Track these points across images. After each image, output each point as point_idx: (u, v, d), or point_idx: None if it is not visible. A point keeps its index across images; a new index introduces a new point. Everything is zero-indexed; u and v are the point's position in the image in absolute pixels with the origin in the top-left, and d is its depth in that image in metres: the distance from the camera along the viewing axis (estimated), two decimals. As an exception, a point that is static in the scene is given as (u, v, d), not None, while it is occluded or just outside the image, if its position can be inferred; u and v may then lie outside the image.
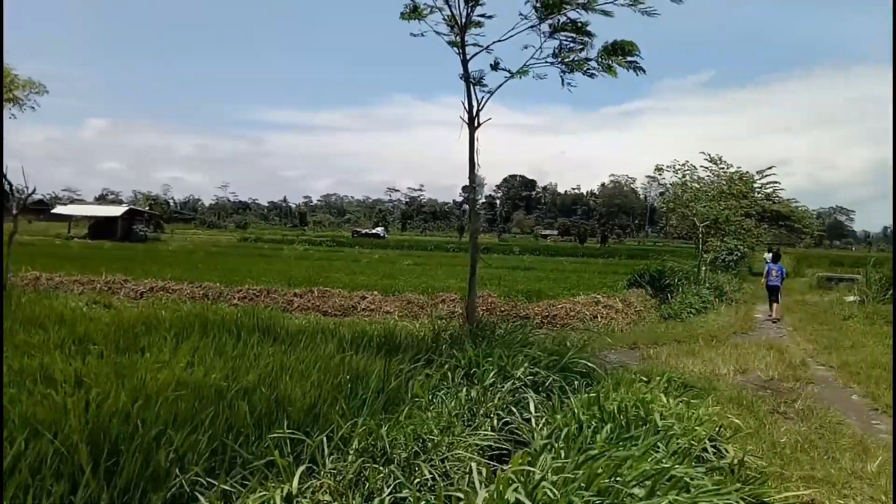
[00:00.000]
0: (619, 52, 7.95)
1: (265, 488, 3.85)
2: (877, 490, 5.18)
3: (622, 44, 7.89)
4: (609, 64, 8.10)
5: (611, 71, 8.14)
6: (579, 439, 4.19)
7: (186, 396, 4.65)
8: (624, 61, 8.03)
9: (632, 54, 7.96)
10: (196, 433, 4.12)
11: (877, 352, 11.58)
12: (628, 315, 15.74)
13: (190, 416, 4.33)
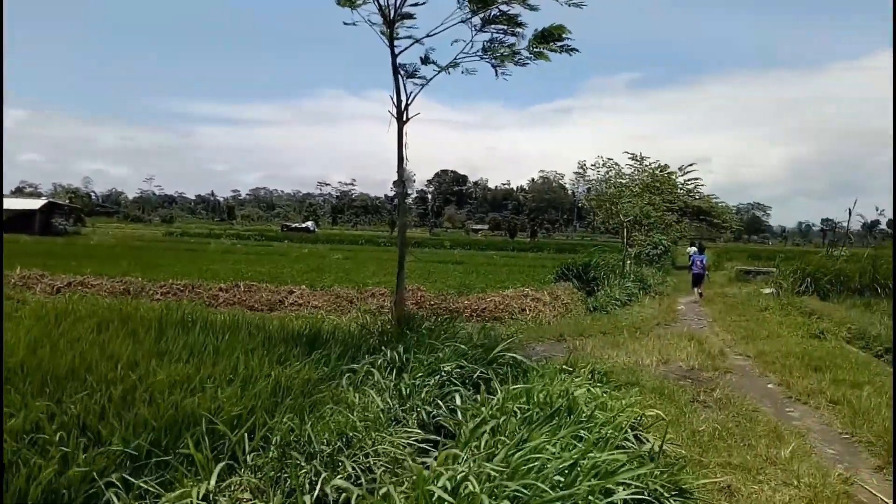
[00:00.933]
0: (550, 39, 8.00)
1: (183, 486, 3.70)
2: (789, 475, 5.40)
3: (552, 29, 7.93)
4: (540, 51, 8.14)
5: (542, 56, 8.17)
6: (506, 431, 4.20)
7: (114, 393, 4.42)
8: (556, 46, 8.08)
9: (562, 39, 8.01)
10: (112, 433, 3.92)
11: (791, 341, 12.13)
12: (556, 308, 16.01)
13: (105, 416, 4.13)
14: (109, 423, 4.11)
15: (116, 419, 4.16)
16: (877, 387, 8.24)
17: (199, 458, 3.89)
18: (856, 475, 5.70)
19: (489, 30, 8.01)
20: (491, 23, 7.92)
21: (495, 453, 3.43)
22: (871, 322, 13.19)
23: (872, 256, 21.04)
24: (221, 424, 4.28)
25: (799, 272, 20.12)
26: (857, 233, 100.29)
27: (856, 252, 26.02)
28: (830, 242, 34.86)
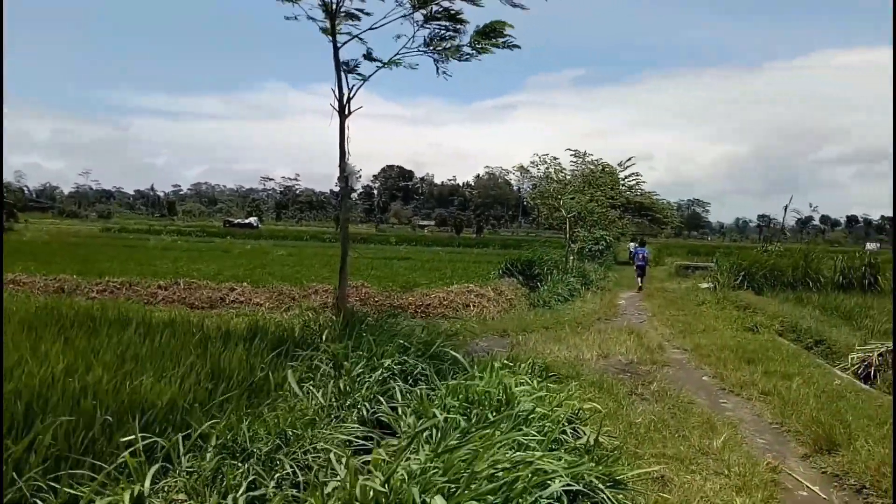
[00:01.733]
0: (493, 34, 8.01)
1: (113, 491, 3.56)
2: (721, 465, 5.55)
3: (494, 24, 7.96)
4: (483, 46, 8.14)
5: (485, 51, 8.19)
6: (444, 426, 4.18)
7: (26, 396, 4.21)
8: (498, 42, 8.10)
9: (504, 34, 8.04)
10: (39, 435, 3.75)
11: (726, 335, 12.51)
12: (500, 303, 16.12)
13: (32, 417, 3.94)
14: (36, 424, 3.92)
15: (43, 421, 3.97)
16: (806, 378, 8.56)
17: (132, 461, 3.75)
18: (783, 463, 5.91)
19: (430, 26, 7.97)
20: (433, 19, 7.88)
21: (432, 448, 3.41)
22: (802, 315, 13.72)
23: (805, 252, 21.90)
24: (157, 424, 4.15)
25: (735, 267, 20.77)
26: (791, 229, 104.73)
27: (789, 248, 27.05)
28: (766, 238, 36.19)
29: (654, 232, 59.34)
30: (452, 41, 8.16)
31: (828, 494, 5.32)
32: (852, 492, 5.34)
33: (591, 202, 27.10)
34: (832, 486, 5.50)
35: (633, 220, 41.99)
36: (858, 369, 9.32)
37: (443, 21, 7.99)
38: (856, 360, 9.47)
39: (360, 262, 26.83)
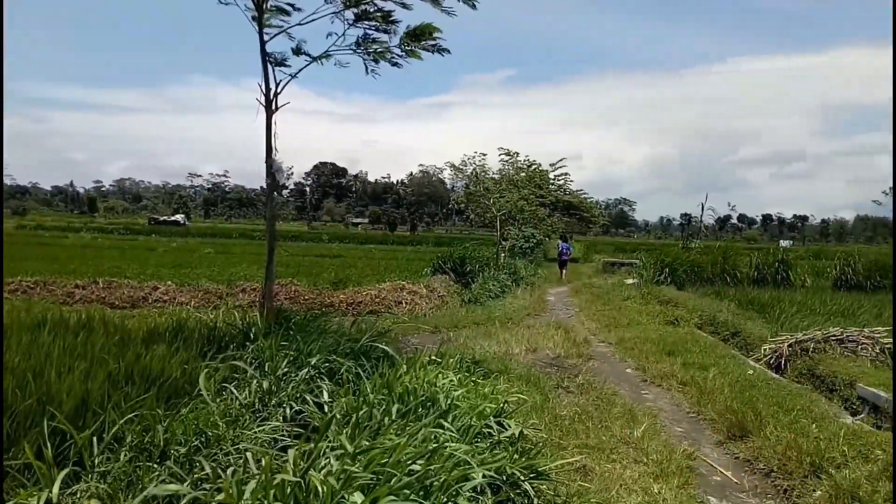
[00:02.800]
0: (422, 37, 8.01)
1: (19, 498, 3.40)
2: (640, 453, 5.75)
3: (423, 27, 7.94)
4: (412, 49, 8.13)
5: (414, 55, 8.17)
6: (368, 422, 4.17)
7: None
8: (428, 45, 8.09)
9: (433, 37, 8.04)
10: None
11: (649, 328, 12.92)
12: (432, 300, 16.18)
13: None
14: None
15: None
16: (721, 368, 8.92)
17: (39, 464, 3.59)
18: (699, 450, 6.17)
19: (362, 25, 7.91)
20: (363, 19, 7.83)
21: (354, 444, 3.40)
22: (720, 309, 14.29)
23: (723, 249, 22.86)
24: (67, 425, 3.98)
25: (658, 264, 21.47)
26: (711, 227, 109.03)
27: (709, 244, 28.17)
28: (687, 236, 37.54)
29: (582, 230, 60.75)
30: (382, 43, 8.11)
31: (739, 478, 5.59)
32: (762, 475, 5.63)
33: (521, 200, 27.47)
34: (743, 470, 5.79)
35: (562, 219, 42.83)
36: (770, 359, 9.80)
37: (374, 21, 7.94)
38: (768, 350, 9.96)
39: (291, 260, 26.44)
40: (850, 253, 22.24)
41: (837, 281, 20.16)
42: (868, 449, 5.43)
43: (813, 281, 20.71)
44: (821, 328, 10.11)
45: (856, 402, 7.72)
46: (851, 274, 20.02)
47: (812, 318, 12.39)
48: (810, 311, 13.35)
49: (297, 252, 34.78)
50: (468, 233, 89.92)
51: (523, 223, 31.14)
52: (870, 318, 11.79)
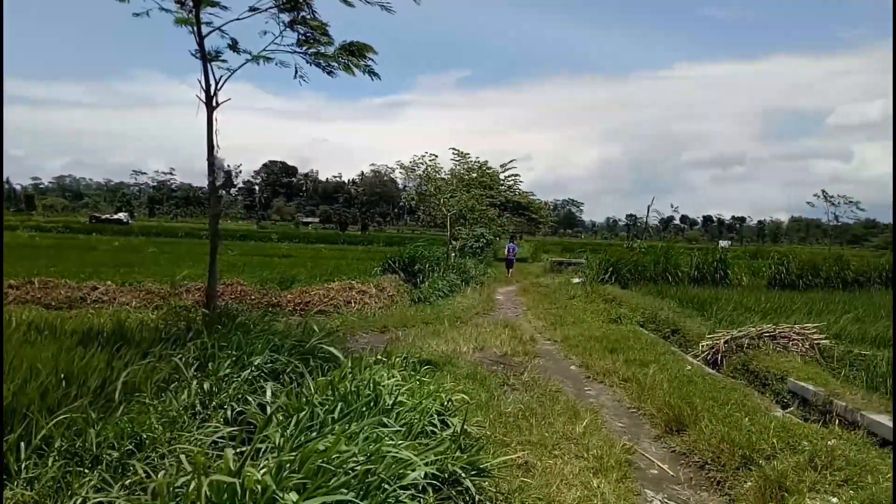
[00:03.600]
0: (355, 54, 8.00)
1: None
2: (581, 448, 5.87)
3: (358, 45, 7.94)
4: (347, 63, 8.12)
5: (348, 69, 8.17)
6: (311, 422, 4.16)
7: None
8: (360, 63, 8.09)
9: (366, 57, 8.05)
10: None
11: (593, 326, 13.18)
12: (381, 300, 16.14)
13: None
14: None
15: None
16: (661, 365, 9.18)
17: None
18: (638, 444, 6.35)
19: (297, 30, 7.86)
20: (298, 23, 7.78)
21: (293, 444, 3.39)
22: (661, 307, 14.66)
23: (665, 248, 23.44)
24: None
25: (603, 263, 21.90)
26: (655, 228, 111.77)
27: (652, 244, 28.87)
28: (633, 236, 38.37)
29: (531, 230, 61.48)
30: (326, 44, 8.06)
31: (675, 471, 5.77)
32: (696, 468, 5.82)
33: (471, 200, 27.64)
34: (679, 463, 5.98)
35: (511, 219, 43.29)
36: (707, 356, 10.11)
37: (309, 28, 7.89)
38: (705, 347, 10.28)
39: (238, 260, 25.99)
40: (784, 253, 23.10)
41: (772, 280, 20.94)
42: (796, 441, 5.68)
43: (749, 280, 21.46)
44: (755, 325, 10.49)
45: (787, 395, 8.04)
46: (785, 273, 20.83)
47: (748, 315, 12.82)
48: (746, 308, 13.81)
49: (245, 251, 34.21)
50: (420, 232, 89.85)
51: (474, 223, 31.32)
52: (801, 316, 12.27)
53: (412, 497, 3.63)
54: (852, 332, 10.92)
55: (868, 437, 6.14)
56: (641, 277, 21.07)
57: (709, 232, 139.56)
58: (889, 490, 4.64)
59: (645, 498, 5.10)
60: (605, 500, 4.71)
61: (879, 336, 10.65)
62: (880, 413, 6.48)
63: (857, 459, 5.19)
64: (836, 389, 7.38)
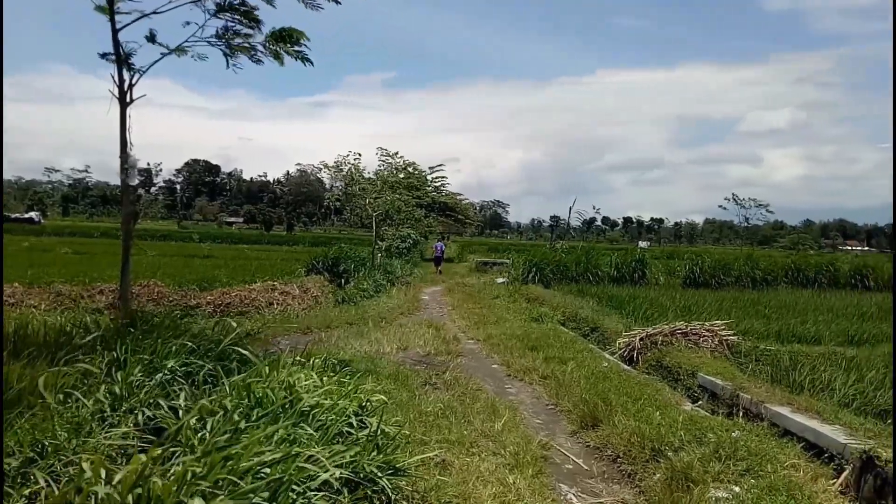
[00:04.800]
0: (286, 40, 7.86)
1: None
2: (499, 446, 5.97)
3: (289, 31, 7.79)
4: (276, 50, 7.97)
5: (278, 57, 8.02)
6: (225, 426, 4.07)
7: None
8: (291, 49, 7.95)
9: (299, 43, 7.92)
10: None
11: (515, 325, 13.41)
12: (305, 301, 15.94)
13: None
14: None
15: None
16: (579, 362, 9.43)
17: None
18: (554, 440, 6.51)
19: (223, 17, 7.66)
20: (225, 10, 7.58)
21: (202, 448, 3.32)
22: (582, 306, 15.07)
23: (586, 249, 24.11)
24: None
25: (527, 263, 22.34)
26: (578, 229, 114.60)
27: (574, 245, 29.65)
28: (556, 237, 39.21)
29: (458, 230, 61.96)
30: (247, 38, 7.88)
31: (589, 465, 5.95)
32: (609, 461, 6.02)
33: (398, 201, 27.62)
34: (593, 457, 6.17)
35: (438, 219, 43.52)
36: (624, 353, 10.46)
37: (236, 14, 7.70)
38: (622, 344, 10.63)
39: (157, 261, 25.09)
40: (698, 253, 24.15)
41: (687, 279, 21.87)
42: (702, 433, 5.94)
43: (666, 279, 22.33)
44: (669, 323, 10.92)
45: (697, 390, 8.40)
46: (699, 273, 21.80)
47: (663, 313, 13.33)
48: (662, 307, 14.35)
49: (164, 252, 33.05)
50: (347, 233, 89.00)
51: (400, 224, 31.29)
52: (711, 313, 12.85)
53: (327, 498, 3.61)
54: (759, 328, 11.52)
55: (770, 427, 6.49)
56: (564, 277, 21.58)
57: (629, 233, 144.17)
58: (786, 477, 4.94)
59: (559, 492, 5.24)
60: (520, 496, 4.81)
61: (783, 332, 11.29)
62: (782, 405, 6.86)
63: (758, 449, 5.49)
64: (743, 383, 7.75)
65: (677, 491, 4.89)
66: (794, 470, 5.06)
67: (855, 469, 5.01)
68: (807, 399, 6.93)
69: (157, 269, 19.82)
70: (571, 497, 5.20)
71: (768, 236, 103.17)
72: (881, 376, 7.80)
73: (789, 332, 11.27)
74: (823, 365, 8.46)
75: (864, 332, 11.37)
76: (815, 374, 8.09)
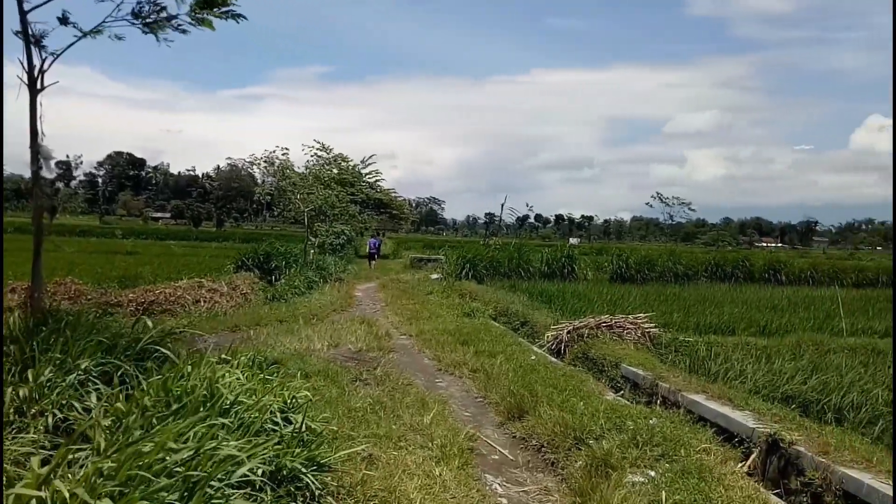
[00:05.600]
0: (214, 4, 7.61)
1: None
2: (427, 439, 6.01)
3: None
4: (203, 17, 7.70)
5: (206, 23, 7.75)
6: (140, 426, 3.96)
7: None
8: (219, 13, 7.71)
9: (227, 3, 7.69)
10: None
11: (447, 320, 13.50)
12: (234, 298, 15.61)
13: None
14: None
15: None
16: (508, 355, 9.57)
17: None
18: (481, 432, 6.60)
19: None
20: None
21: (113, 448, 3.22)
22: (513, 301, 15.30)
23: (518, 245, 24.51)
24: None
25: (461, 259, 22.54)
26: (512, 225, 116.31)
27: (507, 241, 30.08)
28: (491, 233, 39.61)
29: (394, 227, 61.83)
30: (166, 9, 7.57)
31: (515, 455, 6.07)
32: (534, 451, 6.16)
33: (332, 196, 27.32)
34: (519, 447, 6.30)
35: (373, 216, 43.31)
36: (552, 345, 10.70)
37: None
38: (550, 337, 10.86)
39: (75, 257, 24.01)
40: (625, 250, 24.91)
41: (614, 274, 22.57)
42: (622, 421, 6.15)
43: (594, 274, 22.99)
44: (594, 315, 11.22)
45: (620, 380, 8.68)
46: (625, 268, 22.52)
47: (590, 307, 13.69)
48: (589, 300, 14.74)
49: (84, 248, 31.75)
50: (280, 229, 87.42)
51: (334, 220, 30.94)
52: (636, 307, 13.27)
53: (248, 496, 3.56)
54: (679, 320, 11.98)
55: (686, 414, 6.77)
56: (496, 273, 21.87)
57: (560, 230, 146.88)
58: (698, 461, 5.17)
59: (484, 482, 5.32)
60: (445, 487, 4.86)
61: (701, 324, 11.78)
62: (697, 393, 7.17)
63: (673, 435, 5.72)
64: (662, 373, 8.07)
65: (596, 477, 5.05)
66: (706, 454, 5.30)
67: (761, 452, 5.30)
68: (720, 387, 7.27)
69: (75, 267, 18.97)
70: (496, 487, 5.29)
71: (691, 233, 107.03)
72: (788, 364, 8.25)
73: (707, 323, 11.78)
74: (737, 354, 8.89)
75: (774, 324, 12.00)
76: (729, 363, 8.50)
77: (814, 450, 5.18)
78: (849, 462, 4.95)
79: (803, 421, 6.02)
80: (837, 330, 11.56)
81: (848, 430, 6.04)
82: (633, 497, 4.59)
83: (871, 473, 4.73)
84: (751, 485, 4.76)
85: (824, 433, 5.56)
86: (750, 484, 4.77)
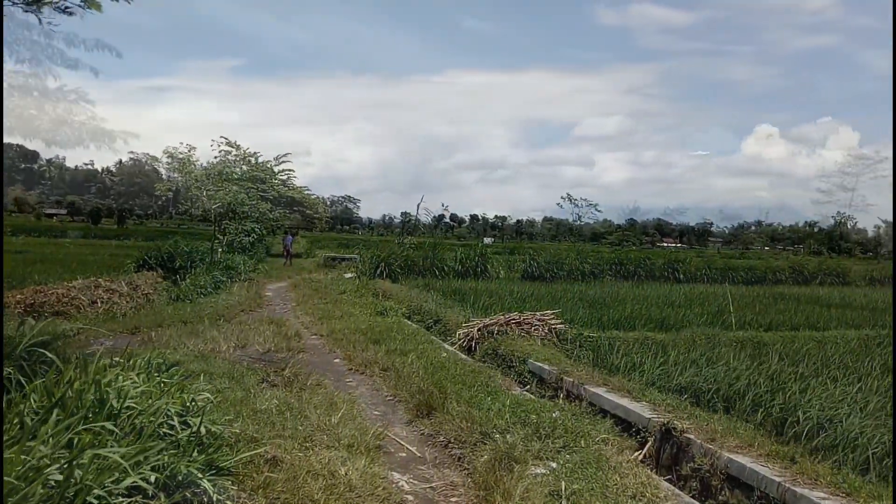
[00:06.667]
0: None
1: None
2: (334, 439, 5.94)
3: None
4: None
5: (93, 5, 7.34)
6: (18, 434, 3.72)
7: None
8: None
9: None
10: None
11: (360, 319, 13.38)
12: (134, 299, 14.91)
13: None
14: None
15: None
16: (419, 353, 9.60)
17: None
18: (390, 429, 6.59)
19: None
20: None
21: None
22: (426, 299, 15.35)
23: (432, 244, 24.67)
24: None
25: (375, 258, 22.45)
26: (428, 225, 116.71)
27: (422, 241, 30.20)
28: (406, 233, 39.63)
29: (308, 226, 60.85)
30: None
31: (422, 452, 6.09)
32: (441, 447, 6.21)
33: (241, 194, 26.55)
34: (427, 444, 6.33)
35: (286, 214, 42.43)
36: (463, 343, 10.80)
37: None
38: (461, 335, 10.96)
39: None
40: (535, 249, 25.52)
41: (525, 273, 23.11)
42: (527, 415, 6.29)
43: (506, 273, 23.47)
44: (504, 313, 11.42)
45: (527, 375, 8.87)
46: (535, 267, 23.10)
47: (501, 304, 13.93)
48: (500, 298, 14.99)
49: (-32, 247, 29.44)
50: (188, 227, 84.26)
51: (244, 218, 30.07)
52: (544, 304, 13.59)
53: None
54: (584, 316, 12.37)
55: (589, 407, 7.00)
56: (411, 272, 21.91)
57: (475, 230, 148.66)
58: (597, 451, 5.35)
59: (391, 480, 5.31)
60: (350, 487, 4.82)
61: (605, 319, 12.22)
62: (599, 386, 7.42)
63: (574, 427, 5.91)
64: (567, 367, 8.30)
65: (500, 470, 5.13)
66: (605, 444, 5.50)
67: (656, 440, 5.55)
68: (620, 380, 7.56)
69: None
70: (403, 484, 5.30)
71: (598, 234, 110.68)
72: (682, 356, 8.68)
73: (610, 319, 12.21)
74: (636, 348, 9.27)
75: (671, 319, 12.61)
76: (629, 357, 8.84)
77: (702, 437, 5.47)
78: (734, 448, 5.26)
79: (694, 410, 6.34)
80: (728, 324, 12.26)
81: (734, 417, 6.40)
82: (535, 488, 4.69)
83: (752, 457, 5.04)
84: (644, 472, 4.97)
85: (712, 421, 5.88)
86: (644, 471, 4.99)
